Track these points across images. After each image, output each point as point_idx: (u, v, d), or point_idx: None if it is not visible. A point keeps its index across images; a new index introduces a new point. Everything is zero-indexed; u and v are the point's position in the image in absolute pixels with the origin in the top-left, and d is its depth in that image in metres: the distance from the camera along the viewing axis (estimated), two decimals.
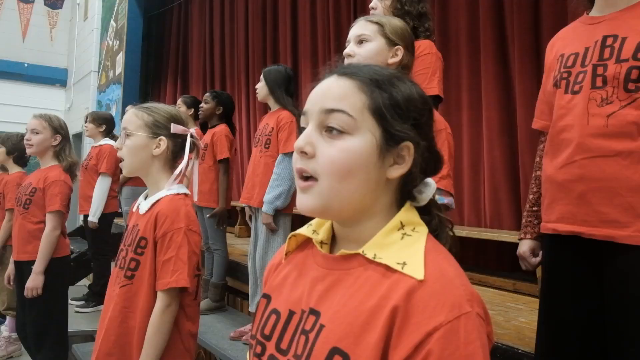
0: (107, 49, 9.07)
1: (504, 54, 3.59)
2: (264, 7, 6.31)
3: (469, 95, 3.76)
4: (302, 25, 5.66)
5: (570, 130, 1.36)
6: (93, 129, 4.68)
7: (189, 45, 8.07)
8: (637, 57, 1.27)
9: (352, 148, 0.73)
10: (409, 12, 2.19)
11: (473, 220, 3.72)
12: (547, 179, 1.44)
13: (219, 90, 4.34)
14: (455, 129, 3.83)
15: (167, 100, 8.32)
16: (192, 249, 1.56)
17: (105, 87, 9.00)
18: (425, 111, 0.79)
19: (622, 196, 1.26)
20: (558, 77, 1.43)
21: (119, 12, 8.64)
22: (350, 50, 1.56)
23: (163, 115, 1.68)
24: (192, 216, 1.61)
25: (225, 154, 3.82)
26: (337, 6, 5.12)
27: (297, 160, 0.77)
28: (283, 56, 5.92)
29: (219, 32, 7.22)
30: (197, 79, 7.72)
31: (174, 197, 1.62)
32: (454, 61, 3.87)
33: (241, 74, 6.61)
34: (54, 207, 2.65)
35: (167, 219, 1.56)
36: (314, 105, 0.77)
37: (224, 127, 3.93)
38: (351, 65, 0.81)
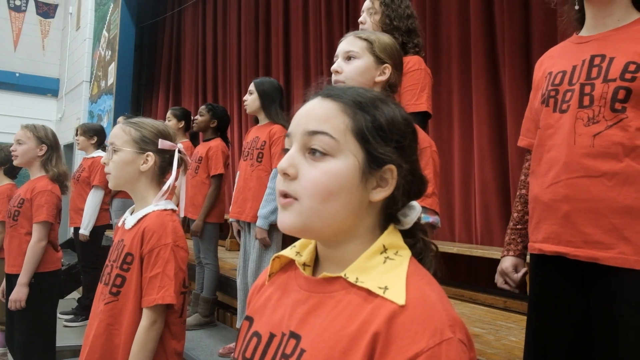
0: (99, 59, 9.05)
1: (495, 69, 3.61)
2: (256, 18, 6.34)
3: (459, 109, 3.77)
4: (295, 36, 5.68)
5: (557, 149, 1.35)
6: (84, 141, 4.65)
7: (181, 55, 8.07)
8: (624, 78, 1.27)
9: (335, 170, 0.73)
10: (398, 27, 2.19)
11: (464, 237, 3.71)
12: (533, 198, 1.44)
13: (215, 104, 4.33)
14: (446, 144, 3.85)
15: (158, 110, 8.31)
16: (179, 265, 1.54)
17: (97, 97, 8.97)
18: (409, 134, 0.78)
19: (607, 217, 1.26)
20: (546, 94, 1.43)
21: (111, 22, 8.63)
22: (338, 67, 1.55)
23: (150, 131, 1.66)
24: (180, 232, 1.59)
25: (220, 169, 3.81)
26: (329, 18, 5.15)
27: (280, 182, 0.77)
28: (275, 67, 5.93)
29: (212, 43, 7.24)
30: (189, 89, 7.72)
31: (161, 212, 1.60)
32: (445, 76, 3.88)
33: (233, 85, 6.62)
34: (39, 217, 2.62)
35: (154, 235, 1.54)
36: (297, 127, 0.77)
37: (220, 142, 3.93)
38: (335, 87, 0.81)
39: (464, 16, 3.79)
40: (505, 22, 3.48)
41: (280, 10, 5.88)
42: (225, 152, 3.90)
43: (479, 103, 3.61)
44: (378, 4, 2.21)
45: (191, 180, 3.92)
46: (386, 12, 2.19)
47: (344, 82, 1.52)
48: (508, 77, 3.44)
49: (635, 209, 1.24)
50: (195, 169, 3.92)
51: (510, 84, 3.42)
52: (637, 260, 1.23)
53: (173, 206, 1.65)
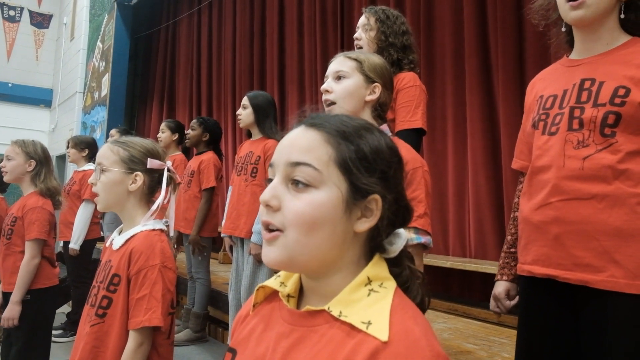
0: (93, 70, 9.04)
1: (489, 84, 3.62)
2: (251, 31, 6.35)
3: (453, 124, 3.78)
4: (289, 49, 5.69)
5: (547, 171, 1.35)
6: (75, 154, 4.61)
7: (175, 67, 8.07)
8: (613, 102, 1.27)
9: (318, 201, 0.72)
10: (393, 44, 2.18)
11: (458, 251, 3.70)
12: (523, 219, 1.43)
13: (206, 117, 4.33)
14: (441, 158, 3.85)
15: (152, 122, 8.28)
16: (167, 286, 1.52)
17: (90, 108, 8.95)
18: (394, 163, 0.78)
19: (597, 240, 1.25)
20: (536, 118, 1.43)
21: (105, 33, 8.63)
22: (328, 87, 1.55)
23: (139, 150, 1.64)
24: (168, 252, 1.57)
25: (212, 182, 3.80)
26: (324, 31, 5.16)
27: (263, 213, 0.76)
28: (270, 80, 5.94)
29: (206, 55, 7.24)
30: (183, 101, 7.71)
31: (149, 233, 1.57)
32: (439, 90, 3.89)
33: (228, 97, 6.62)
34: (31, 235, 2.59)
35: (141, 256, 1.51)
36: (280, 157, 0.76)
37: (212, 156, 3.91)
38: (319, 115, 0.80)
39: (458, 31, 3.80)
40: (499, 37, 3.49)
41: (275, 24, 5.89)
42: (217, 165, 3.88)
43: (473, 117, 3.61)
44: (373, 20, 2.20)
45: (184, 195, 3.90)
46: (381, 29, 2.18)
47: (334, 102, 1.53)
48: (502, 92, 3.45)
49: (625, 231, 1.23)
50: (188, 183, 3.90)
51: (503, 99, 3.43)
52: (628, 283, 1.22)
53: (162, 226, 1.63)
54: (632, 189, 1.25)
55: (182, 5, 7.94)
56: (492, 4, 3.58)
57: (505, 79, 3.43)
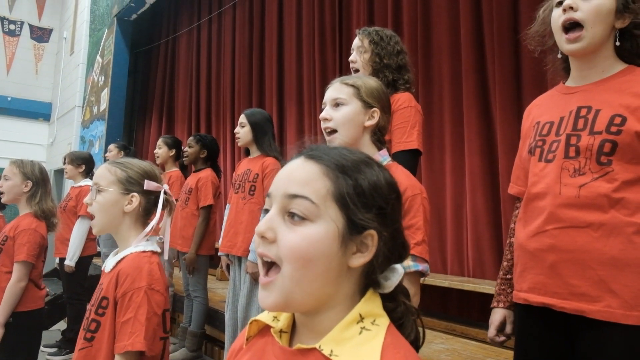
0: (92, 85, 9.06)
1: (486, 102, 3.63)
2: (250, 47, 6.37)
3: (451, 142, 3.78)
4: (288, 66, 5.71)
5: (543, 198, 1.35)
6: (72, 169, 4.60)
7: (175, 82, 8.09)
8: (610, 131, 1.27)
9: (314, 236, 0.72)
10: (388, 65, 2.18)
11: (456, 269, 3.68)
12: (519, 246, 1.43)
13: (203, 134, 4.33)
14: (438, 176, 3.85)
15: (151, 137, 8.29)
16: (153, 309, 1.48)
17: (89, 122, 8.96)
18: (392, 199, 0.77)
19: (593, 269, 1.24)
20: (533, 144, 1.43)
21: (105, 48, 8.66)
22: (327, 114, 1.55)
23: (136, 172, 1.64)
24: (156, 275, 1.53)
25: (209, 200, 3.78)
26: (323, 47, 5.18)
27: (259, 244, 0.75)
28: (269, 96, 5.95)
29: (206, 70, 7.27)
30: (182, 116, 7.72)
31: (138, 254, 1.56)
32: (437, 109, 3.90)
33: (227, 113, 6.63)
34: (20, 257, 2.56)
35: (127, 278, 1.49)
36: (277, 189, 0.76)
37: (209, 173, 3.90)
38: (319, 147, 0.80)
39: (456, 49, 3.82)
40: (496, 56, 3.50)
41: (274, 40, 5.92)
42: (215, 183, 3.87)
43: (471, 136, 3.62)
44: (367, 42, 2.20)
45: (181, 212, 3.89)
46: (376, 51, 2.18)
47: (334, 130, 1.52)
48: (499, 111, 3.46)
49: (622, 260, 1.23)
50: (185, 200, 3.89)
51: (501, 117, 3.43)
52: (624, 314, 1.21)
53: (154, 247, 1.61)
54: (629, 218, 1.24)
55: (182, 21, 7.98)
56: (488, 23, 3.60)
57: (502, 97, 3.44)
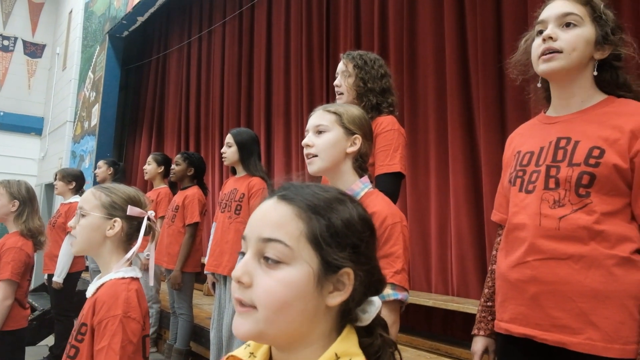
0: (84, 100, 9.08)
1: (470, 123, 3.67)
2: (239, 65, 6.43)
3: (436, 161, 3.81)
4: (276, 83, 5.76)
5: (523, 229, 1.35)
6: (63, 186, 4.62)
7: (165, 99, 8.13)
8: (588, 163, 1.28)
9: (289, 279, 0.72)
10: (372, 89, 2.19)
11: (440, 288, 3.70)
12: (500, 275, 1.43)
13: (190, 152, 4.36)
14: (423, 195, 3.88)
15: (141, 152, 8.31)
16: (128, 337, 1.48)
17: (80, 137, 8.97)
18: (366, 235, 0.78)
19: (574, 301, 1.25)
20: (514, 174, 1.44)
21: (97, 64, 8.70)
22: (309, 141, 1.56)
23: (120, 197, 1.65)
24: (133, 302, 1.53)
25: (196, 218, 3.80)
26: (310, 65, 5.23)
27: (235, 288, 0.76)
28: (257, 112, 6.00)
29: (195, 87, 7.31)
30: (172, 132, 7.75)
31: (117, 281, 1.56)
32: (422, 128, 3.94)
33: (215, 129, 6.66)
34: (4, 275, 2.55)
35: (104, 305, 1.50)
36: (252, 232, 0.77)
37: (196, 191, 3.93)
38: (292, 186, 0.80)
39: (441, 69, 3.87)
40: (480, 77, 3.55)
41: (263, 58, 5.97)
42: (201, 201, 3.90)
43: (455, 156, 3.65)
44: (352, 66, 2.22)
45: (167, 229, 3.91)
46: (360, 75, 2.20)
47: (316, 156, 1.54)
48: (483, 131, 3.49)
49: (602, 293, 1.23)
50: (172, 217, 3.90)
51: (485, 138, 3.47)
52: (605, 347, 1.21)
53: (135, 273, 1.62)
54: (608, 250, 1.25)
55: (172, 38, 8.04)
56: (473, 46, 3.66)
57: (486, 119, 3.48)
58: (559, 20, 1.36)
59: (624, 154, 1.27)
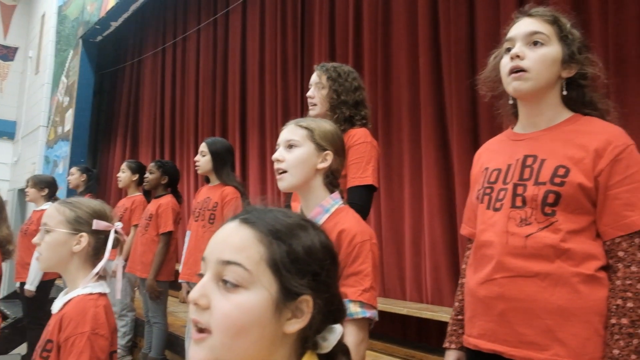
0: (57, 105, 8.95)
1: (444, 133, 3.70)
2: (214, 72, 6.40)
3: (410, 172, 3.83)
4: (251, 91, 5.74)
5: (491, 246, 1.37)
6: (34, 193, 4.55)
7: (140, 105, 8.05)
8: (554, 182, 1.30)
9: (247, 304, 0.72)
10: (345, 101, 2.19)
11: (415, 296, 3.72)
12: (469, 292, 1.45)
13: (164, 160, 4.34)
14: (397, 204, 3.90)
15: (115, 158, 8.21)
16: (96, 355, 1.46)
17: (54, 143, 8.83)
18: (327, 263, 0.77)
19: (541, 318, 1.27)
20: (481, 191, 1.45)
21: (70, 69, 8.59)
22: (280, 156, 1.55)
23: (85, 211, 1.63)
24: (101, 319, 1.52)
25: (170, 227, 3.77)
26: (285, 74, 5.23)
27: (192, 310, 0.75)
28: (231, 121, 5.98)
29: (170, 94, 7.25)
30: (146, 139, 7.67)
31: (84, 297, 1.54)
32: (396, 138, 3.96)
33: (190, 137, 6.61)
34: None
35: (71, 322, 1.47)
36: (212, 254, 0.76)
37: (170, 199, 3.90)
38: (255, 209, 0.80)
39: (414, 80, 3.89)
40: (454, 88, 3.58)
41: (237, 66, 5.95)
42: (175, 209, 3.87)
43: (429, 166, 3.68)
44: (325, 78, 2.21)
45: (141, 238, 3.87)
46: (333, 87, 2.19)
47: (286, 171, 1.52)
48: (456, 141, 3.53)
49: (568, 310, 1.25)
50: (146, 226, 3.87)
51: (458, 148, 3.51)
52: None
53: (102, 289, 1.60)
54: (574, 268, 1.27)
55: (147, 44, 7.96)
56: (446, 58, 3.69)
57: (459, 129, 3.51)
58: (526, 38, 1.38)
59: (588, 173, 1.29)
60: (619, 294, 1.23)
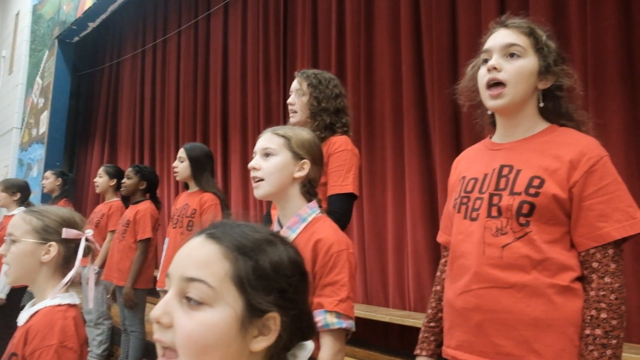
0: (32, 106, 8.79)
1: (426, 139, 3.70)
2: (195, 75, 6.33)
3: (393, 177, 3.83)
4: (233, 95, 5.69)
5: (468, 257, 1.37)
6: (6, 197, 4.43)
7: (118, 107, 7.91)
8: (528, 192, 1.31)
9: (211, 322, 0.70)
10: (326, 109, 2.19)
11: (398, 302, 3.71)
12: (447, 302, 1.45)
13: (142, 165, 4.27)
14: (380, 210, 3.89)
15: (93, 161, 8.08)
16: None
17: (28, 145, 8.66)
18: (295, 279, 0.76)
19: (517, 329, 1.27)
20: (458, 201, 1.45)
21: (45, 70, 8.43)
22: (256, 164, 1.54)
23: (54, 220, 1.57)
24: (69, 331, 1.46)
25: (148, 234, 3.71)
26: (267, 79, 5.19)
27: (156, 329, 0.73)
28: (213, 124, 5.92)
29: (150, 97, 7.15)
30: (125, 142, 7.55)
31: (52, 309, 1.49)
32: (379, 144, 3.96)
33: (171, 140, 6.52)
34: None
35: (37, 335, 1.42)
36: (175, 270, 0.74)
37: (149, 205, 3.83)
38: (222, 224, 0.79)
39: (398, 87, 3.89)
40: (436, 93, 3.58)
41: (219, 69, 5.90)
42: (154, 216, 3.80)
43: (411, 172, 3.68)
44: (306, 85, 2.21)
45: (118, 245, 3.80)
46: (314, 94, 2.19)
47: (262, 179, 1.52)
48: (439, 147, 3.53)
49: (543, 321, 1.26)
50: (123, 232, 3.80)
51: (440, 154, 3.51)
52: None
53: (72, 300, 1.55)
54: (549, 279, 1.28)
55: (126, 46, 7.85)
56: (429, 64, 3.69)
57: (442, 134, 3.52)
58: (503, 50, 1.39)
59: (563, 184, 1.30)
60: (593, 304, 1.25)
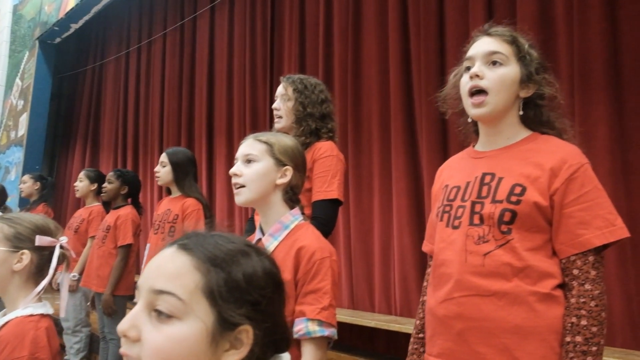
0: (11, 108, 8.65)
1: (414, 145, 3.69)
2: (180, 79, 6.27)
3: (380, 182, 3.82)
4: (218, 98, 5.64)
5: (450, 265, 1.37)
6: None
7: (101, 110, 7.81)
8: (510, 200, 1.32)
9: (180, 336, 0.68)
10: (312, 114, 2.18)
11: (384, 307, 3.69)
12: (429, 311, 1.45)
13: (124, 169, 4.19)
14: (367, 215, 3.88)
15: (74, 165, 7.96)
16: None
17: (6, 148, 8.53)
18: (268, 291, 0.73)
19: (498, 337, 1.28)
20: (441, 209, 1.46)
21: (25, 71, 8.30)
22: (237, 170, 1.52)
23: (27, 227, 1.53)
24: (41, 342, 1.42)
25: (129, 239, 3.64)
26: (254, 82, 5.15)
27: (123, 343, 0.70)
28: (198, 128, 5.86)
29: (134, 100, 7.06)
30: (108, 145, 7.44)
31: (23, 319, 1.44)
32: (366, 149, 3.94)
33: (155, 144, 6.45)
34: None
35: (7, 346, 1.37)
36: (145, 282, 0.72)
37: (130, 210, 3.76)
38: (195, 234, 0.77)
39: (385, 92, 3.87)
40: (423, 98, 3.57)
41: (205, 73, 5.84)
42: (135, 221, 3.73)
43: (398, 177, 3.66)
44: (291, 90, 2.20)
45: (97, 250, 3.73)
46: (299, 99, 2.18)
47: (244, 186, 1.50)
48: (426, 153, 3.52)
49: (524, 329, 1.27)
50: (103, 238, 3.73)
51: (427, 160, 3.49)
52: None
53: (45, 309, 1.50)
54: (531, 287, 1.28)
55: (110, 48, 7.76)
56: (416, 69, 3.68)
57: (429, 139, 3.50)
58: (485, 58, 1.40)
59: (544, 191, 1.31)
60: (574, 312, 1.26)
